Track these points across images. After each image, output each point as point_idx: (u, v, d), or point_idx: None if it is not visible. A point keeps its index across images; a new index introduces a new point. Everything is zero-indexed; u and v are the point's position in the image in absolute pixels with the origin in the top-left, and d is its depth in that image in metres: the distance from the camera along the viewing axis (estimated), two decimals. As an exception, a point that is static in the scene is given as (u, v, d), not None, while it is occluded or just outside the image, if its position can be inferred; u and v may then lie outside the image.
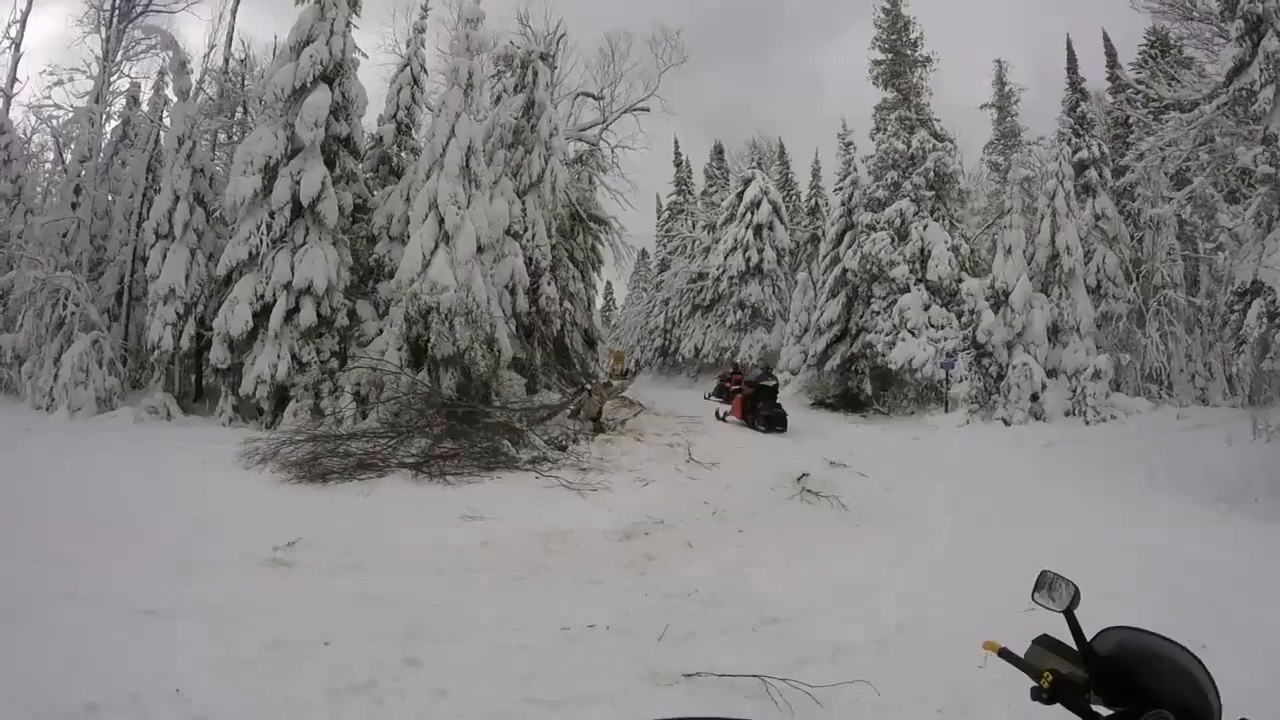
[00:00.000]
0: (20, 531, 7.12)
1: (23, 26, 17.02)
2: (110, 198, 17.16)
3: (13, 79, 16.95)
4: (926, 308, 17.48)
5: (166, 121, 16.61)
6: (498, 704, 4.41)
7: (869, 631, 5.41)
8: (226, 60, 18.53)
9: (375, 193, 16.02)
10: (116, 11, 17.60)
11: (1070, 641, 1.61)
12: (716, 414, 16.05)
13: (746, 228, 25.23)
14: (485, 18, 14.69)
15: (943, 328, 17.27)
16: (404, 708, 4.35)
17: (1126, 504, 9.01)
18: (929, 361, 16.83)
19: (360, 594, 6.07)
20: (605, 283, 43.41)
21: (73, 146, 16.97)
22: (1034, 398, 15.36)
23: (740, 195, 25.98)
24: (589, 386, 14.59)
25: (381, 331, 14.16)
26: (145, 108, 17.91)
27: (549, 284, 16.30)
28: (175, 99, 15.96)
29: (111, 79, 17.60)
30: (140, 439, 12.39)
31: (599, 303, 34.54)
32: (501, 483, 10.07)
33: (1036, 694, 1.55)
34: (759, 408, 14.74)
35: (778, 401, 14.84)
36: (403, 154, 17.12)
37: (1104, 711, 1.51)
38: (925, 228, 18.13)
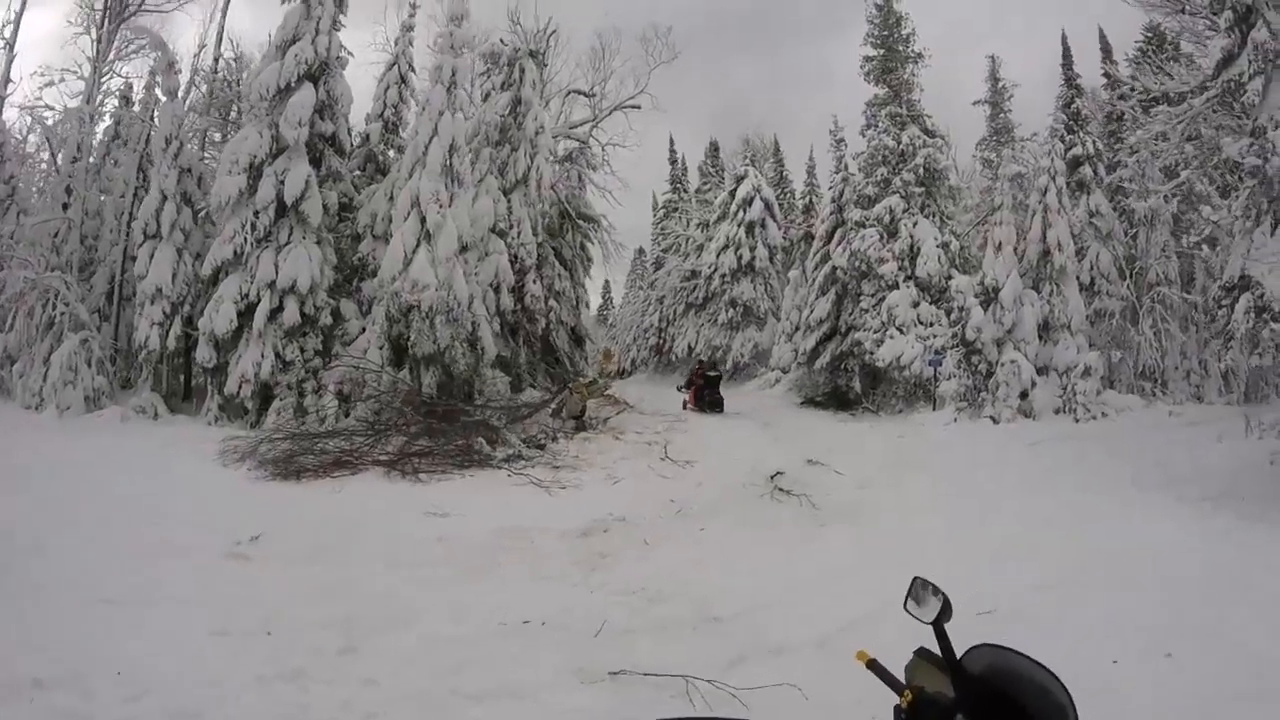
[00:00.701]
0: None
1: (16, 27, 17.03)
2: (101, 198, 17.20)
3: (5, 80, 16.95)
4: (915, 305, 17.32)
5: (157, 121, 16.70)
6: (423, 694, 4.45)
7: (812, 632, 5.28)
8: (216, 60, 18.59)
9: (361, 191, 16.06)
10: (108, 11, 17.64)
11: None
12: (683, 404, 17.17)
13: (739, 225, 25.05)
14: (470, 15, 14.78)
15: (932, 325, 17.12)
16: (329, 695, 4.41)
17: (1108, 501, 8.80)
18: (917, 359, 16.68)
19: (311, 586, 6.16)
20: (604, 281, 43.54)
21: (64, 147, 17.06)
22: (1023, 395, 15.19)
23: (733, 193, 25.75)
24: (571, 385, 14.62)
25: (365, 330, 14.21)
26: (137, 107, 17.96)
27: (534, 282, 16.29)
28: (164, 99, 16.08)
29: (103, 79, 17.64)
30: (125, 438, 12.48)
31: (595, 301, 34.60)
32: (472, 480, 10.13)
33: (897, 713, 1.42)
34: (705, 394, 17.14)
35: (719, 390, 17.40)
36: (389, 152, 17.08)
37: None
38: (915, 224, 17.97)
